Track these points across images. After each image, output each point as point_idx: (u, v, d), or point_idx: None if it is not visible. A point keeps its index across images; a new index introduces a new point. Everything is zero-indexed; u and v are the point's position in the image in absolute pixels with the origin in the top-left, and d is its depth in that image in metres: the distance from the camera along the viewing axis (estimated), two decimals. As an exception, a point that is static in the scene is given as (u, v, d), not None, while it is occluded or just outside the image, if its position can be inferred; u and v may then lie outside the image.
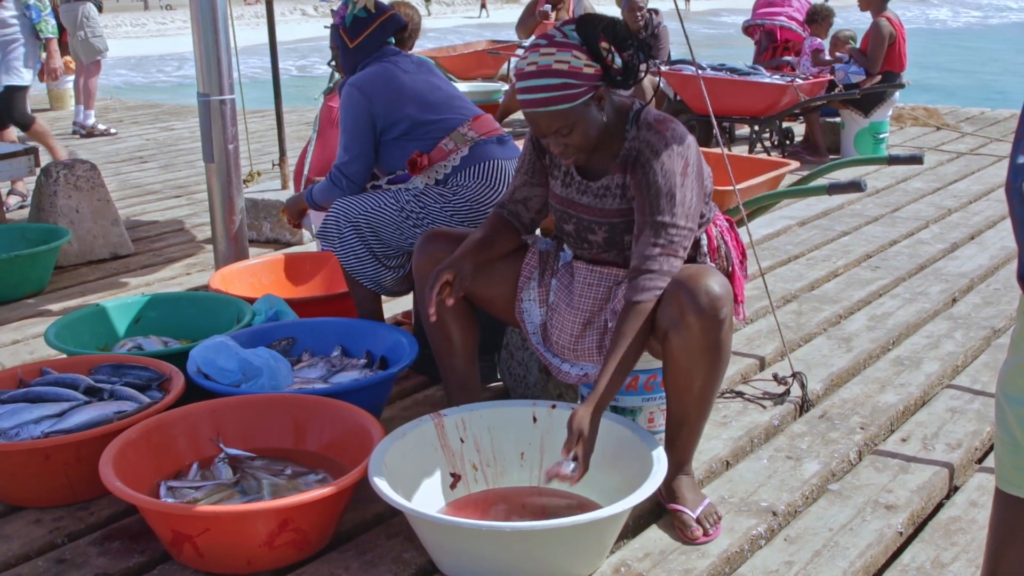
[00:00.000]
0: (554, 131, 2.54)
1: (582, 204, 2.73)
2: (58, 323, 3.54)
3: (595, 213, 2.71)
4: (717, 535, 2.59)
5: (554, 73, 2.47)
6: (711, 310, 2.46)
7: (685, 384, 2.56)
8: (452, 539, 2.35)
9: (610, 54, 2.51)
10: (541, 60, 2.49)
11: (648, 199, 2.54)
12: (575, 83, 2.47)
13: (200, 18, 4.16)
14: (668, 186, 2.52)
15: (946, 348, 3.90)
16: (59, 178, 5.20)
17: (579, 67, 2.48)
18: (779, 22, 9.06)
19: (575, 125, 2.52)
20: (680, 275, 2.50)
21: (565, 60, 2.47)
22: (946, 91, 15.71)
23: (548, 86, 2.48)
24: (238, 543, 2.40)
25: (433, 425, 2.71)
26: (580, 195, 2.74)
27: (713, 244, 2.78)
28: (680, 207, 2.52)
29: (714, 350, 2.51)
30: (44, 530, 2.66)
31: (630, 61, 2.56)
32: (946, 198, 6.55)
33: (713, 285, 2.47)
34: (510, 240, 2.89)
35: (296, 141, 7.84)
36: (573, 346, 2.77)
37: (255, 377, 3.05)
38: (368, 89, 3.50)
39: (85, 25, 9.44)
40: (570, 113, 2.50)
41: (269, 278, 4.29)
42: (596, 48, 2.50)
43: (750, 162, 5.30)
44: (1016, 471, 1.72)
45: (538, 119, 2.54)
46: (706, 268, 2.56)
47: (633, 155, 2.61)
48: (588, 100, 2.51)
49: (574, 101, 2.49)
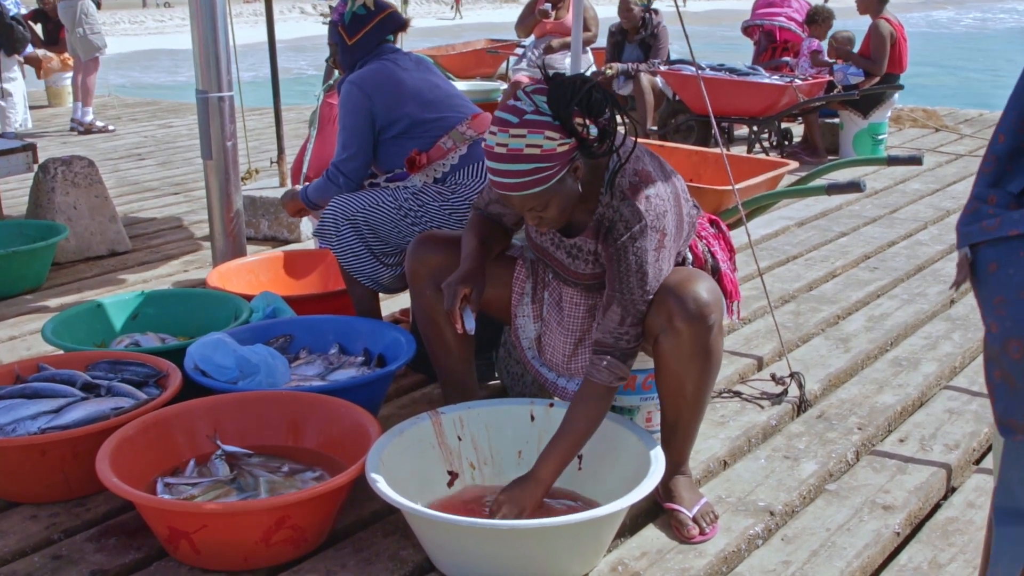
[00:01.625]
0: (528, 208, 2.44)
1: (556, 259, 2.70)
2: (55, 319, 3.53)
3: (568, 273, 2.68)
4: (714, 534, 2.59)
5: (526, 159, 2.33)
6: (699, 316, 2.45)
7: (677, 388, 2.56)
8: (449, 537, 2.35)
9: (584, 128, 2.36)
10: (512, 143, 2.34)
11: (618, 276, 2.46)
12: (548, 165, 2.34)
13: (199, 15, 4.16)
14: (639, 265, 2.44)
15: (944, 349, 3.90)
16: (57, 175, 5.19)
17: (552, 148, 2.33)
18: (778, 23, 9.06)
19: (550, 201, 2.41)
20: (669, 280, 2.49)
21: (537, 144, 2.32)
22: (944, 92, 15.72)
23: (520, 171, 2.34)
24: (235, 540, 2.40)
25: (431, 423, 2.70)
26: (555, 248, 2.69)
27: (701, 260, 2.76)
28: (653, 281, 2.46)
29: (704, 355, 2.50)
30: (40, 526, 2.66)
31: (606, 126, 2.41)
32: (945, 199, 6.55)
33: (701, 291, 2.46)
34: (500, 238, 2.87)
35: (295, 139, 7.83)
36: (567, 364, 2.77)
37: (252, 374, 3.05)
38: (368, 87, 3.49)
39: (84, 22, 9.44)
40: (544, 193, 2.39)
41: (267, 275, 4.28)
42: (570, 124, 2.34)
43: (749, 162, 5.30)
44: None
45: (511, 201, 2.43)
46: (695, 274, 2.54)
47: (606, 225, 2.51)
48: (563, 176, 2.38)
49: (548, 183, 2.36)
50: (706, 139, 7.82)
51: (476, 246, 2.76)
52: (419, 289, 2.90)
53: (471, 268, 2.70)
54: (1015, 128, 1.58)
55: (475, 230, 2.81)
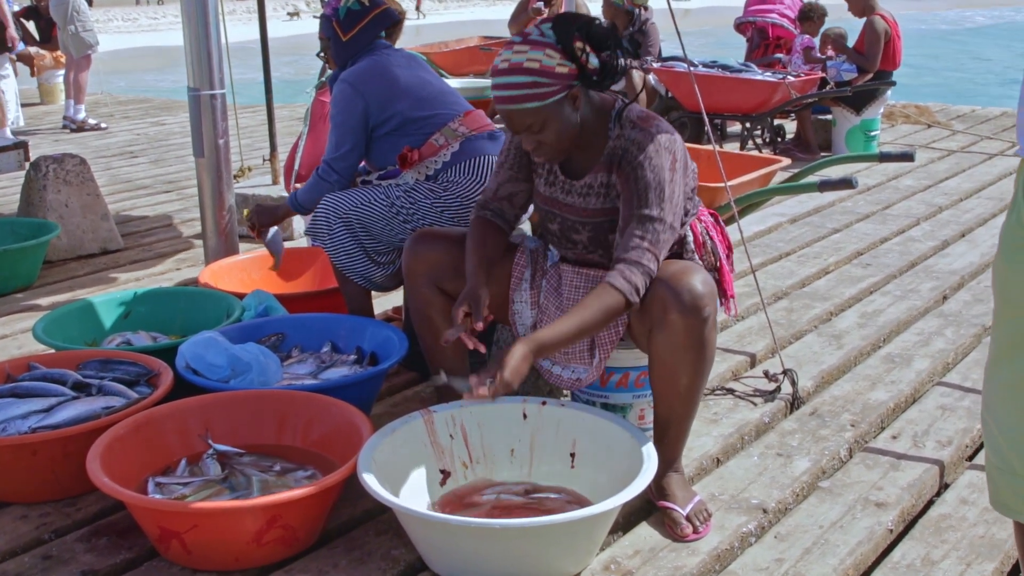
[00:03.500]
0: (525, 128, 2.54)
1: (566, 204, 2.72)
2: (46, 318, 3.52)
3: (579, 213, 2.70)
4: (707, 532, 2.59)
5: (525, 71, 2.47)
6: (694, 308, 2.45)
7: (671, 382, 2.56)
8: (442, 536, 2.34)
9: (585, 54, 2.49)
10: (514, 58, 2.49)
11: (636, 193, 2.53)
12: (546, 82, 2.47)
13: (191, 13, 4.14)
14: (656, 180, 2.52)
15: (937, 345, 3.90)
16: (48, 172, 5.17)
17: (551, 66, 2.47)
18: (771, 19, 9.06)
19: (546, 123, 2.51)
20: (663, 273, 2.50)
21: (537, 59, 2.47)
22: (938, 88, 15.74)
23: (519, 83, 2.47)
24: (226, 540, 2.39)
25: (423, 421, 2.70)
26: (564, 195, 2.73)
27: (699, 240, 2.77)
28: (668, 203, 2.52)
29: (698, 348, 2.50)
30: (30, 526, 2.65)
31: (608, 62, 2.54)
32: (937, 196, 6.56)
33: (696, 283, 2.46)
34: (500, 244, 2.87)
35: (287, 136, 7.82)
36: (564, 349, 2.76)
37: (244, 373, 3.04)
38: (361, 85, 3.48)
39: (75, 19, 9.41)
40: (541, 111, 2.49)
41: (259, 273, 4.27)
42: (571, 47, 2.48)
43: (741, 159, 5.31)
44: (1016, 498, 1.71)
45: (510, 115, 2.54)
46: (690, 266, 2.55)
47: (619, 153, 2.60)
48: (561, 100, 2.50)
49: (545, 100, 2.48)
50: (699, 136, 7.82)
51: (477, 261, 2.74)
52: (415, 286, 2.89)
53: (472, 286, 2.66)
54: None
55: (475, 239, 2.79)
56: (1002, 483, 1.73)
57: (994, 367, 1.72)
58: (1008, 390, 1.68)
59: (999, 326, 1.72)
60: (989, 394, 1.74)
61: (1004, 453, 1.69)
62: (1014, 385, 1.67)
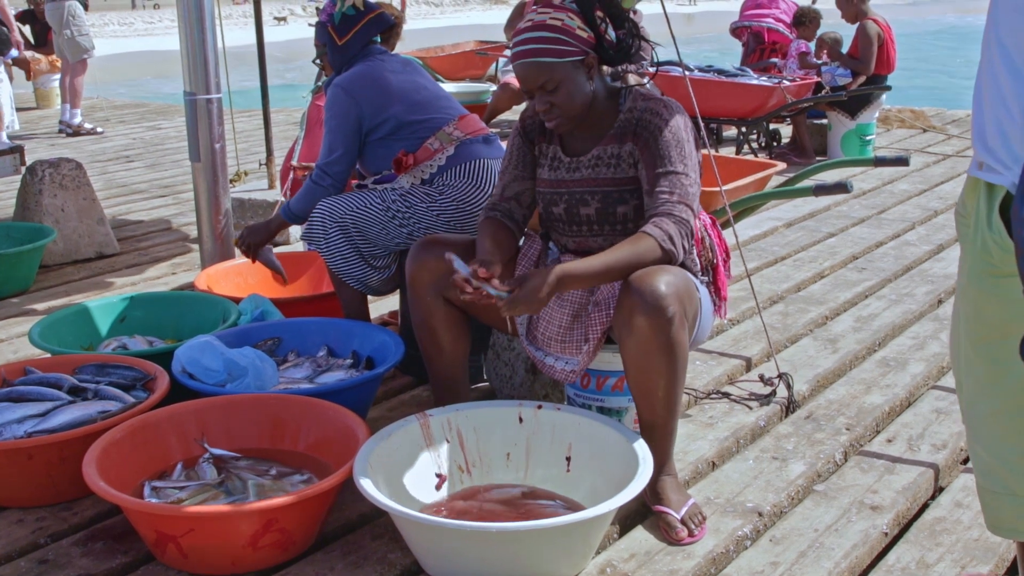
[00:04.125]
0: (539, 86, 2.62)
1: (574, 180, 2.77)
2: (42, 322, 3.52)
3: (587, 184, 2.75)
4: (702, 536, 2.59)
5: (547, 27, 2.60)
6: (656, 309, 2.44)
7: (648, 387, 2.55)
8: (437, 540, 2.35)
9: (604, 23, 2.65)
10: (537, 17, 2.63)
11: (658, 153, 2.62)
12: (566, 39, 2.59)
13: (187, 17, 4.15)
14: (676, 139, 2.63)
15: (931, 349, 3.91)
16: (44, 177, 5.17)
17: (572, 27, 2.60)
18: (766, 24, 9.07)
19: (561, 83, 2.60)
20: (632, 276, 2.51)
21: (559, 18, 2.60)
22: (932, 92, 15.77)
23: (539, 38, 2.59)
24: (222, 544, 2.39)
25: (419, 425, 2.70)
26: (571, 172, 2.78)
27: (697, 235, 2.79)
28: (689, 158, 2.63)
29: (668, 349, 2.49)
30: (27, 530, 2.65)
31: (624, 39, 2.67)
32: (932, 200, 6.57)
33: (659, 284, 2.46)
34: (512, 243, 2.89)
35: (283, 141, 7.82)
36: (561, 338, 2.76)
37: (240, 377, 3.04)
38: (354, 90, 3.49)
39: (71, 24, 9.41)
40: (557, 68, 2.59)
41: (255, 278, 4.27)
42: (591, 16, 2.63)
43: (737, 163, 5.32)
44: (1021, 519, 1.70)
45: (526, 71, 2.62)
46: (658, 268, 2.53)
47: (633, 123, 2.69)
48: (577, 63, 2.61)
49: (562, 57, 2.59)
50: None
51: (489, 249, 2.76)
52: (419, 295, 2.87)
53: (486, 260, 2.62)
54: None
55: (487, 240, 2.79)
56: (1003, 506, 1.71)
57: (976, 397, 1.71)
58: (995, 417, 1.67)
59: (975, 357, 1.70)
60: (975, 424, 1.72)
61: (1001, 477, 1.68)
62: (1000, 411, 1.66)
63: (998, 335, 1.61)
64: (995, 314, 1.63)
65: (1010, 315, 1.59)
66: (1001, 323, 1.61)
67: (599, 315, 2.69)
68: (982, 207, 1.61)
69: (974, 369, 1.71)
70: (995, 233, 1.58)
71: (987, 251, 1.61)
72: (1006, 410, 1.65)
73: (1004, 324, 1.60)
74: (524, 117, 2.91)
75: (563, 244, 2.88)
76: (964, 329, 1.73)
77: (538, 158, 2.86)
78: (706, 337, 2.92)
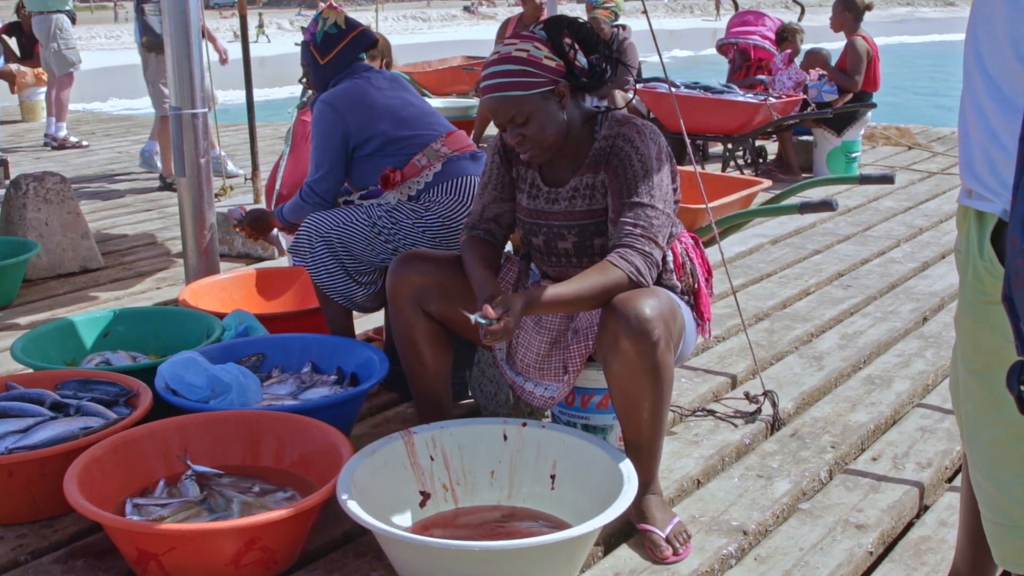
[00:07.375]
0: (509, 119, 2.59)
1: (552, 212, 2.75)
2: (25, 337, 3.50)
3: (565, 217, 2.72)
4: (687, 554, 2.58)
5: (513, 59, 2.56)
6: (642, 333, 2.44)
7: (633, 408, 2.55)
8: (421, 558, 2.33)
9: (573, 50, 2.59)
10: (503, 49, 2.59)
11: (625, 182, 2.58)
12: (533, 72, 2.55)
13: (173, 31, 4.13)
14: (644, 168, 2.57)
15: (916, 367, 3.91)
16: (28, 191, 5.15)
17: (538, 56, 2.56)
18: (752, 41, 9.10)
19: (531, 115, 2.57)
20: (616, 299, 2.49)
21: (525, 49, 2.56)
22: (917, 111, 15.86)
23: (505, 71, 2.56)
24: (204, 561, 2.37)
25: (403, 443, 2.69)
26: (549, 204, 2.75)
27: (679, 260, 2.78)
28: (657, 189, 2.57)
29: (654, 372, 2.48)
30: (7, 547, 2.62)
31: (597, 64, 2.62)
32: (917, 217, 6.60)
33: (644, 308, 2.45)
34: (497, 259, 2.88)
35: (269, 155, 7.81)
36: (539, 365, 2.76)
37: (224, 393, 3.02)
38: (340, 106, 3.49)
39: (58, 37, 9.38)
40: (526, 101, 2.55)
41: (240, 293, 4.26)
42: (559, 43, 2.58)
43: (723, 180, 5.33)
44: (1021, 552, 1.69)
45: (495, 105, 2.59)
46: (641, 291, 2.52)
47: (606, 150, 2.66)
48: (547, 92, 2.57)
49: (530, 90, 2.55)
50: (680, 157, 7.83)
51: (484, 276, 2.69)
52: (399, 308, 2.87)
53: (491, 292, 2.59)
54: None
55: (475, 261, 2.75)
56: (1007, 539, 1.70)
57: (976, 426, 1.70)
58: (996, 446, 1.66)
59: (974, 385, 1.69)
60: (976, 455, 1.71)
61: (1004, 508, 1.67)
62: (1000, 439, 1.65)
63: (995, 362, 1.60)
64: (989, 342, 1.62)
65: (1004, 342, 1.59)
66: (996, 351, 1.61)
67: (579, 345, 2.69)
68: (973, 236, 1.60)
69: (973, 397, 1.71)
70: (986, 261, 1.58)
71: (979, 279, 1.61)
72: (1007, 438, 1.64)
73: (999, 352, 1.60)
74: (503, 136, 2.88)
75: (543, 271, 2.88)
76: (961, 358, 1.72)
77: (516, 181, 2.85)
78: (690, 354, 2.92)
